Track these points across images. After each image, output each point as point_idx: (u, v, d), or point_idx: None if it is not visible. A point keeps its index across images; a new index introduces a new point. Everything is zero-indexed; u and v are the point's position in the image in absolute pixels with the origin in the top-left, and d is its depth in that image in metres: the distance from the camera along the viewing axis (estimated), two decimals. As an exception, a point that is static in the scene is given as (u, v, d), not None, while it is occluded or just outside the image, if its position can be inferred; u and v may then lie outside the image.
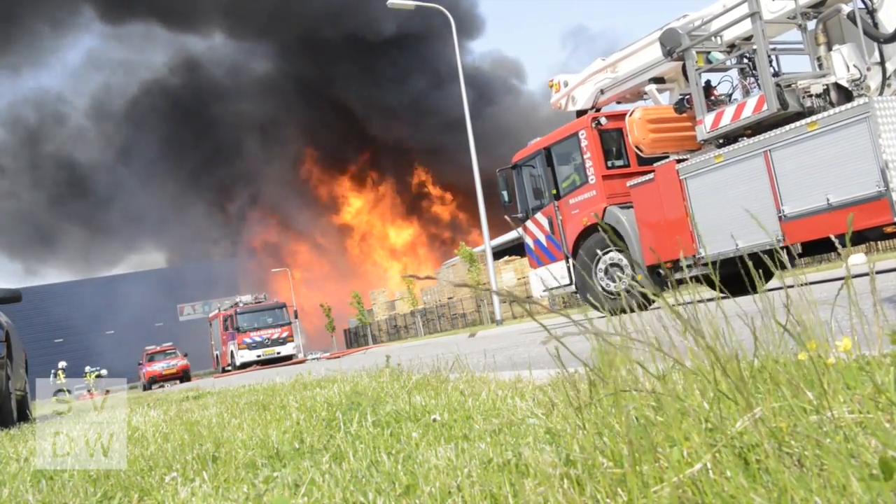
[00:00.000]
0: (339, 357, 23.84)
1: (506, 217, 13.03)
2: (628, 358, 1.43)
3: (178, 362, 36.53)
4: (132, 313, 66.97)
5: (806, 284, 1.56)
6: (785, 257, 1.67)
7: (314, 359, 28.51)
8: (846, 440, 1.14)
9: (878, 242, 17.43)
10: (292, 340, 35.95)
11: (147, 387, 33.46)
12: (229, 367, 35.70)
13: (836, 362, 1.43)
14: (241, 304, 36.49)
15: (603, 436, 1.41)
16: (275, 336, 35.34)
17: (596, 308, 10.49)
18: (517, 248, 42.51)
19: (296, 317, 37.85)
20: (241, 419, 3.69)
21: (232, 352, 35.84)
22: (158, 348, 39.30)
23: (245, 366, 33.48)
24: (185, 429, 3.62)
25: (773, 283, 12.92)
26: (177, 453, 2.74)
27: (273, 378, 7.53)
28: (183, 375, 35.23)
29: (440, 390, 3.30)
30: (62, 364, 32.45)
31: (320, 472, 1.96)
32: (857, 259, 14.85)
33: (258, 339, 35.12)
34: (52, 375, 30.95)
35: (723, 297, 1.56)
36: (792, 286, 1.54)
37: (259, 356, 34.51)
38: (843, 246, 9.83)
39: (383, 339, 50.24)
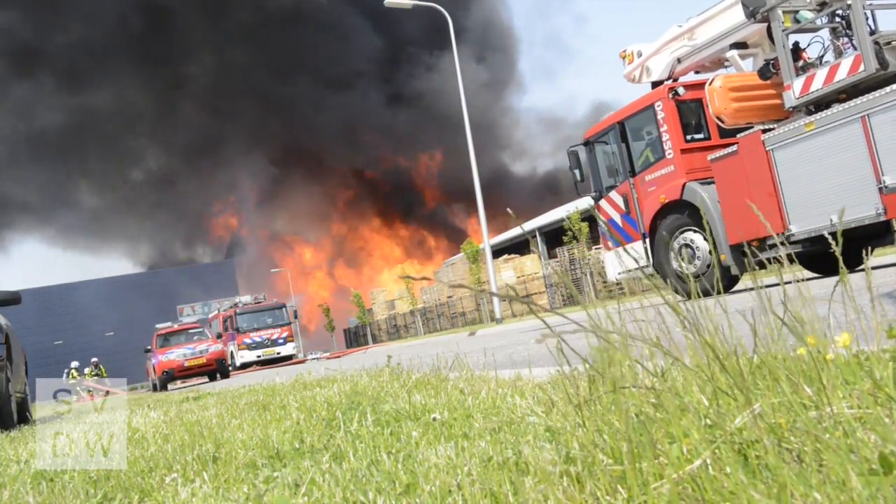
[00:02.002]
0: (338, 357, 23.83)
1: (579, 196, 12.40)
2: (627, 355, 1.43)
3: (211, 347, 23.09)
4: (132, 315, 66.98)
5: (804, 280, 1.56)
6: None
7: (314, 359, 28.51)
8: (845, 435, 1.14)
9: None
10: (292, 340, 35.83)
11: (160, 386, 22.19)
12: (230, 368, 35.44)
13: (835, 358, 1.43)
14: (240, 305, 36.07)
15: (602, 433, 1.41)
16: (275, 336, 35.11)
17: (676, 291, 9.87)
18: (516, 247, 42.56)
19: (295, 317, 37.79)
20: (241, 419, 3.69)
21: (232, 352, 35.50)
22: (176, 326, 25.41)
23: (245, 366, 33.35)
24: (185, 429, 3.62)
25: (876, 260, 11.81)
26: (177, 454, 2.74)
27: (273, 378, 7.53)
28: (218, 367, 22.91)
29: (440, 389, 3.30)
30: (75, 364, 32.20)
31: (320, 471, 1.96)
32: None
33: (258, 339, 34.87)
34: (65, 375, 30.67)
35: (813, 278, 1.53)
36: (789, 282, 1.54)
37: (259, 356, 34.34)
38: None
39: (383, 338, 50.27)
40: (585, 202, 35.96)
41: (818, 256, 9.23)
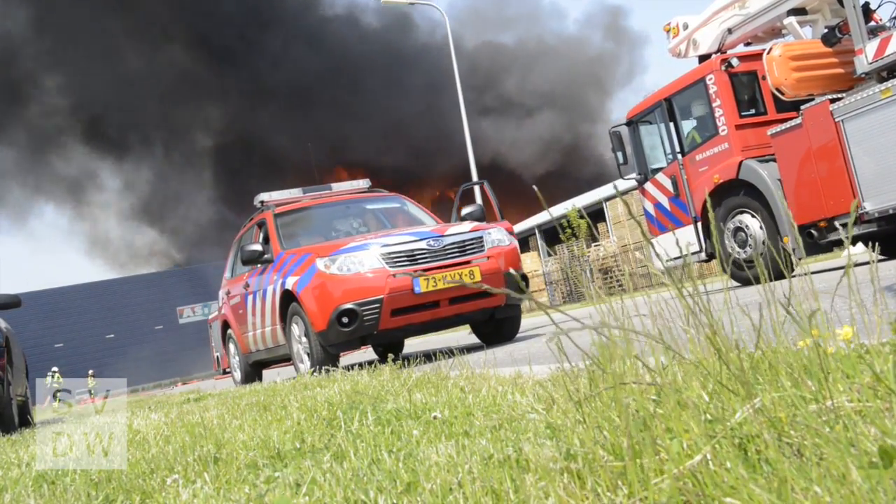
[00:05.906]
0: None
1: (622, 179, 11.77)
2: (627, 351, 1.43)
3: (492, 232, 7.64)
4: (131, 316, 66.98)
5: (808, 274, 1.55)
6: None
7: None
8: (846, 429, 1.14)
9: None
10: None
11: (324, 355, 7.16)
12: (229, 370, 34.61)
13: (836, 351, 1.43)
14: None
15: (603, 429, 1.41)
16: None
17: (733, 277, 9.54)
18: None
19: None
20: (242, 420, 3.69)
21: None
22: (335, 188, 9.81)
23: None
24: (186, 431, 3.62)
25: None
26: (178, 455, 2.74)
27: (273, 379, 7.53)
28: (507, 297, 7.11)
29: (440, 387, 3.30)
30: (55, 368, 32.14)
31: (321, 471, 1.96)
32: (861, 248, 14.78)
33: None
34: (49, 376, 30.86)
35: (882, 260, 1.52)
36: (815, 272, 1.54)
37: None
38: None
39: (384, 337, 50.17)
40: (583, 201, 36.00)
41: (892, 237, 8.74)
